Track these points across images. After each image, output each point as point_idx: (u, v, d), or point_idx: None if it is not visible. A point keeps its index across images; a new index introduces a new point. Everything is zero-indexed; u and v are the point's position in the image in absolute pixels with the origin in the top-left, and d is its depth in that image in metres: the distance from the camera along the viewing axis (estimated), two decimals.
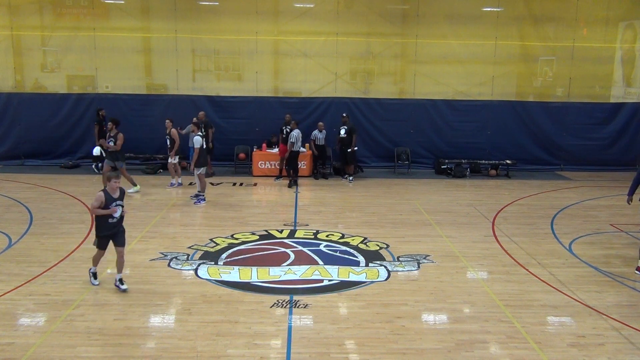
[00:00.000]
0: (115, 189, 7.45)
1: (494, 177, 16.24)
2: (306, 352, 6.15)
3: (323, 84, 16.80)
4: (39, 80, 16.98)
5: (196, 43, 16.69)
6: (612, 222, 11.55)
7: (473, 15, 16.58)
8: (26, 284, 7.79)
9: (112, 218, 7.42)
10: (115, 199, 7.42)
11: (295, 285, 7.95)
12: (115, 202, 7.41)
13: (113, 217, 7.42)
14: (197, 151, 12.40)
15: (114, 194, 7.44)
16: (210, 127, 15.09)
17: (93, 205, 7.37)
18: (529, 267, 8.85)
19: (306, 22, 16.56)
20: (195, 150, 12.46)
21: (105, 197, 7.37)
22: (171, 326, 6.76)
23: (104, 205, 7.34)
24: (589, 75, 17.07)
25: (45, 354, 6.00)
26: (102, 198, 7.34)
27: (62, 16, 16.38)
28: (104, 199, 7.34)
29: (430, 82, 16.76)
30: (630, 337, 6.63)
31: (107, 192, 7.41)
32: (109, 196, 7.40)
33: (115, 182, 7.41)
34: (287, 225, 10.91)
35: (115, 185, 7.42)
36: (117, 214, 7.44)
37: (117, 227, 7.59)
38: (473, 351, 6.24)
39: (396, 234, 10.44)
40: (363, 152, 16.58)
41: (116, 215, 7.43)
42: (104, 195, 7.37)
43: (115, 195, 7.44)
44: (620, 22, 17.12)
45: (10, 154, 16.45)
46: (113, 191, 7.43)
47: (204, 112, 15.30)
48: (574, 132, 16.95)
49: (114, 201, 7.39)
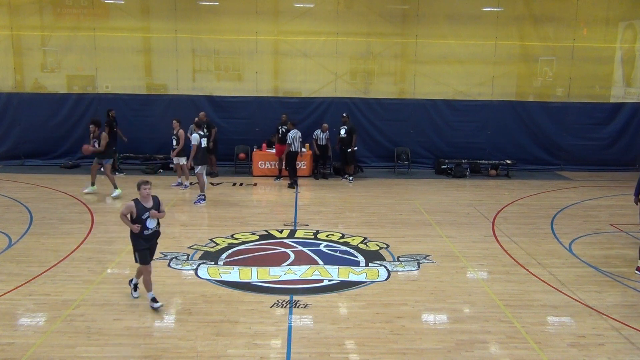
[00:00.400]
0: (147, 197, 6.85)
1: (494, 177, 16.24)
2: (306, 352, 6.15)
3: (323, 84, 16.80)
4: (39, 80, 16.97)
5: (196, 43, 16.69)
6: (612, 222, 11.55)
7: (473, 15, 16.58)
8: (26, 284, 7.79)
9: (146, 229, 6.85)
10: (147, 209, 6.82)
11: (295, 285, 7.95)
12: (148, 211, 6.82)
13: (148, 229, 6.86)
14: (195, 148, 12.42)
15: (147, 203, 6.85)
16: (213, 127, 15.14)
17: (121, 213, 6.85)
18: (529, 267, 8.85)
19: (306, 22, 16.56)
20: (193, 147, 12.48)
21: (137, 206, 6.78)
22: (171, 326, 6.76)
23: (136, 215, 6.74)
24: (589, 75, 17.07)
25: (45, 354, 6.00)
26: (132, 208, 6.76)
27: (62, 16, 16.38)
28: (134, 209, 6.75)
29: (430, 82, 16.75)
30: (630, 337, 6.63)
31: (138, 201, 6.82)
32: (141, 205, 6.81)
33: (145, 189, 6.81)
34: (287, 225, 10.91)
35: (145, 192, 6.81)
36: (152, 224, 6.88)
37: (155, 240, 7.04)
38: (473, 351, 6.24)
39: (396, 234, 10.44)
40: (363, 152, 16.58)
41: (150, 226, 6.85)
42: (134, 204, 6.77)
43: (147, 204, 6.85)
44: (620, 22, 17.12)
45: (10, 154, 16.45)
46: (145, 200, 6.85)
47: (205, 113, 15.30)
48: (574, 132, 16.95)
49: (146, 211, 6.79)
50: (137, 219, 6.80)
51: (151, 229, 6.88)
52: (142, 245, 6.91)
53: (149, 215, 6.84)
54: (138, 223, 6.81)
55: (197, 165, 12.47)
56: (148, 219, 6.86)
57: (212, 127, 15.12)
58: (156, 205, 6.94)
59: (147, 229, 6.86)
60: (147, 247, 6.93)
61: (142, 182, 6.87)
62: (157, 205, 6.95)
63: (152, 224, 6.88)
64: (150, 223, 6.84)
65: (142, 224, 6.82)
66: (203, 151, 12.63)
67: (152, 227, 6.87)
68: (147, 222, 6.83)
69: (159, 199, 7.06)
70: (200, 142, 12.54)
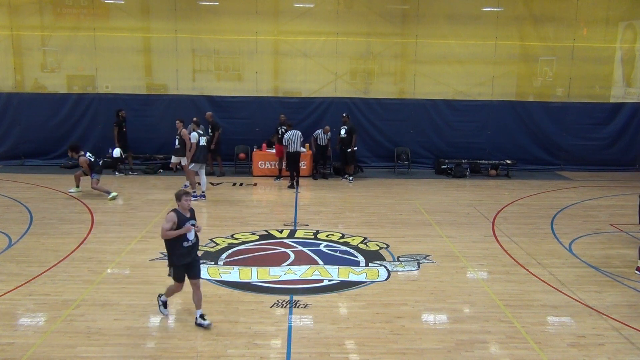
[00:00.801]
0: (187, 208, 6.58)
1: (494, 177, 16.24)
2: (306, 352, 6.15)
3: (323, 84, 16.80)
4: (39, 80, 16.97)
5: (196, 43, 16.69)
6: (612, 222, 11.55)
7: (473, 15, 16.58)
8: (26, 284, 7.79)
9: (186, 241, 6.51)
10: (188, 218, 6.56)
11: (295, 285, 7.95)
12: (189, 221, 6.55)
13: (188, 240, 6.52)
14: (193, 146, 12.47)
15: (187, 213, 6.59)
16: (217, 129, 15.22)
17: (164, 227, 6.40)
18: (529, 267, 8.85)
19: (306, 22, 16.56)
20: (192, 146, 12.52)
21: (178, 216, 6.50)
22: (171, 326, 6.76)
23: (176, 227, 6.44)
24: (589, 75, 17.07)
25: (45, 354, 6.00)
26: (174, 218, 6.45)
27: (62, 16, 16.38)
28: (176, 219, 6.45)
29: (430, 82, 16.76)
30: (630, 337, 6.63)
31: (178, 211, 6.56)
32: (182, 215, 6.54)
33: (187, 200, 6.55)
34: (287, 225, 10.91)
35: (187, 204, 6.56)
36: (192, 236, 6.57)
37: (194, 253, 6.67)
38: (473, 351, 6.24)
39: (396, 234, 10.44)
40: (363, 152, 16.58)
41: (191, 238, 6.54)
42: (175, 215, 6.49)
43: (187, 213, 6.60)
44: (620, 22, 17.12)
45: (10, 154, 16.45)
46: (185, 210, 6.59)
47: (211, 113, 15.38)
48: (574, 132, 16.95)
49: (186, 221, 6.52)
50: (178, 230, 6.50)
51: (191, 241, 6.57)
52: (180, 259, 6.55)
53: (194, 228, 6.58)
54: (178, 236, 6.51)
55: (195, 163, 12.52)
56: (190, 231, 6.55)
57: (217, 129, 15.21)
58: (193, 216, 6.70)
59: (188, 241, 6.54)
60: (185, 262, 6.56)
61: (184, 192, 6.60)
62: (193, 216, 6.70)
63: (192, 235, 6.57)
64: (190, 234, 6.53)
65: (183, 235, 6.52)
66: (202, 149, 12.66)
67: (191, 238, 6.56)
68: (188, 233, 6.52)
69: (193, 210, 6.78)
70: (199, 140, 12.56)
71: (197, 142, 12.51)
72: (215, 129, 15.18)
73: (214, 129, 15.19)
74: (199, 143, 12.54)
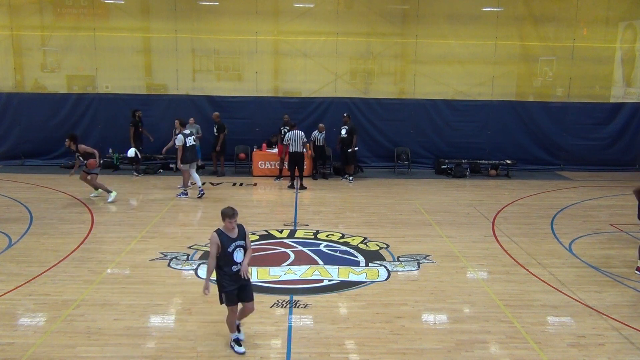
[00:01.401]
0: (232, 228, 5.92)
1: (494, 177, 16.24)
2: (306, 352, 6.15)
3: (323, 84, 16.81)
4: (39, 80, 16.98)
5: (196, 43, 16.70)
6: (612, 222, 11.55)
7: (473, 15, 16.59)
8: (26, 284, 7.79)
9: (235, 265, 5.90)
10: (233, 239, 5.91)
11: (295, 285, 7.95)
12: (235, 242, 5.90)
13: (236, 264, 5.90)
14: (181, 149, 12.59)
15: (231, 233, 5.93)
16: (223, 130, 15.31)
17: (210, 253, 5.92)
18: (529, 267, 8.85)
19: (306, 22, 16.56)
20: (179, 148, 12.64)
21: (220, 238, 5.87)
22: (171, 326, 6.76)
23: (221, 249, 5.85)
24: (589, 75, 17.07)
25: (45, 354, 6.00)
26: (216, 240, 5.84)
27: (62, 16, 16.39)
28: (219, 241, 5.85)
29: (430, 82, 16.76)
30: (630, 337, 6.63)
31: (222, 231, 5.91)
32: (225, 236, 5.90)
33: (231, 222, 5.87)
34: (287, 225, 10.91)
35: (231, 225, 5.88)
36: (240, 257, 5.93)
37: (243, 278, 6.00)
38: (473, 351, 6.24)
39: (396, 234, 10.44)
40: (363, 152, 16.58)
41: (239, 260, 5.91)
42: (217, 236, 5.87)
43: (233, 234, 5.93)
44: (620, 22, 17.12)
45: (10, 154, 16.45)
46: (230, 230, 5.92)
47: (218, 114, 15.47)
48: (574, 132, 16.96)
49: (231, 242, 5.88)
50: (223, 254, 5.87)
51: (240, 264, 5.94)
52: (231, 284, 5.96)
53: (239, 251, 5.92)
54: (224, 258, 5.89)
55: (184, 163, 12.68)
56: (236, 253, 5.92)
57: (223, 130, 15.33)
58: (242, 236, 5.99)
59: (236, 264, 5.91)
60: (236, 287, 5.99)
61: (229, 212, 5.87)
62: (242, 236, 6.00)
63: (241, 256, 5.94)
64: (238, 256, 5.91)
65: (229, 258, 5.89)
66: (190, 149, 12.77)
67: (240, 260, 5.94)
68: (235, 255, 5.89)
69: (245, 229, 6.08)
70: (186, 141, 12.67)
71: (184, 144, 12.59)
72: (220, 130, 15.27)
73: (220, 129, 15.28)
74: (185, 145, 12.62)
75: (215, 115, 15.38)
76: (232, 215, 5.86)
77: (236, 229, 5.94)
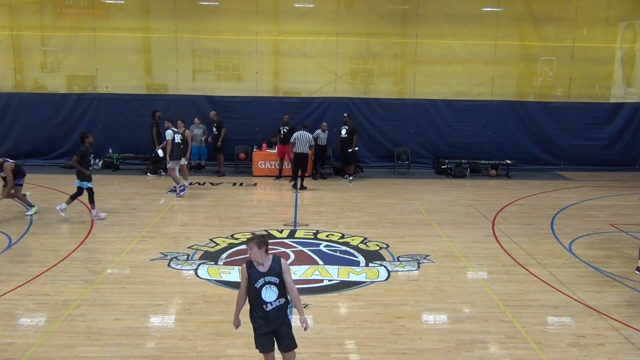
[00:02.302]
0: (262, 258, 4.87)
1: (494, 177, 16.24)
2: (306, 352, 6.15)
3: (323, 84, 16.80)
4: (39, 80, 16.98)
5: (196, 43, 16.70)
6: (612, 222, 11.55)
7: (473, 15, 16.58)
8: (26, 284, 7.79)
9: (265, 304, 4.89)
10: (263, 274, 4.87)
11: (295, 285, 7.92)
12: (264, 278, 4.88)
13: (265, 303, 4.88)
14: (169, 144, 12.74)
15: (261, 267, 4.89)
16: (223, 127, 15.41)
17: (240, 286, 5.03)
18: (529, 267, 8.85)
19: (306, 22, 16.56)
20: (167, 143, 12.78)
21: (248, 272, 4.92)
22: (171, 326, 6.76)
23: (249, 284, 4.89)
24: (589, 75, 17.07)
25: (45, 354, 6.00)
26: (244, 273, 4.93)
27: (62, 16, 16.39)
28: (247, 275, 4.91)
29: (430, 82, 16.76)
30: (630, 337, 6.63)
31: (250, 263, 4.93)
32: (253, 269, 4.90)
33: (251, 249, 4.86)
34: (287, 225, 10.91)
35: (256, 253, 4.84)
36: (271, 298, 4.89)
37: (277, 319, 4.97)
38: (473, 351, 6.24)
39: (396, 234, 10.44)
40: (363, 152, 16.58)
41: (268, 300, 4.88)
42: (245, 269, 4.93)
43: (263, 267, 4.89)
44: (620, 22, 17.12)
45: (10, 154, 16.31)
46: (258, 262, 4.89)
47: (215, 112, 15.52)
48: (574, 132, 16.96)
49: (261, 277, 4.87)
50: (251, 290, 4.92)
51: (272, 305, 4.90)
52: (260, 327, 4.97)
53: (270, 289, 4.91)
54: (252, 294, 4.92)
55: (171, 160, 12.81)
56: (265, 291, 4.91)
57: (222, 127, 15.40)
58: (276, 271, 4.92)
59: (266, 304, 4.89)
60: (268, 330, 4.99)
61: (252, 241, 4.88)
62: (277, 271, 4.93)
63: (272, 296, 4.90)
64: (268, 295, 4.89)
65: (257, 295, 4.90)
66: (177, 147, 12.88)
67: (271, 300, 4.89)
68: (263, 293, 4.89)
69: (282, 262, 5.01)
70: (174, 137, 12.81)
71: (172, 139, 12.76)
72: (220, 127, 15.38)
73: (220, 127, 15.38)
74: (174, 140, 12.77)
75: (212, 114, 15.41)
76: (259, 244, 4.85)
77: (269, 261, 4.93)
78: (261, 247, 4.86)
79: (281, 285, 4.93)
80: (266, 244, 4.91)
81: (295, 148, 14.07)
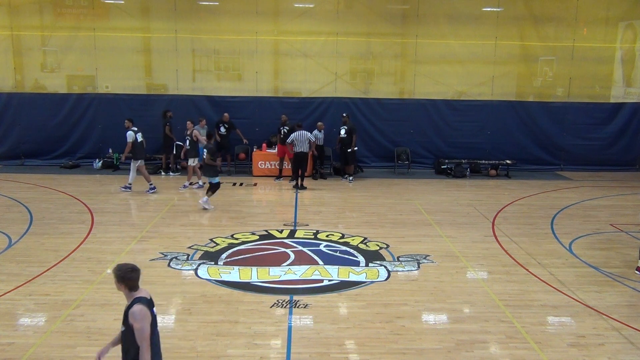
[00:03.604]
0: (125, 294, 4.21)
1: (494, 177, 16.24)
2: (306, 352, 6.15)
3: (323, 84, 16.80)
4: (39, 80, 16.97)
5: (196, 43, 16.69)
6: (612, 222, 11.55)
7: (473, 15, 16.58)
8: (26, 284, 7.79)
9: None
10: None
11: (295, 285, 7.95)
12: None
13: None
14: (129, 145, 12.92)
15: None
16: (234, 128, 15.66)
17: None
18: (529, 267, 8.85)
19: (306, 22, 16.56)
20: (128, 144, 12.94)
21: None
22: (171, 326, 6.76)
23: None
24: (589, 75, 17.07)
25: (45, 354, 6.00)
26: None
27: (62, 16, 16.38)
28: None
29: (430, 82, 16.76)
30: (630, 337, 6.63)
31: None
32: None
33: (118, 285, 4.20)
34: (287, 225, 10.90)
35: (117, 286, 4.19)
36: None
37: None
38: (473, 351, 6.24)
39: (396, 234, 10.44)
40: (363, 152, 16.58)
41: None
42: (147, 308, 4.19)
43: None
44: (620, 22, 17.12)
45: (10, 154, 16.45)
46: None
47: (228, 115, 15.70)
48: (574, 132, 16.96)
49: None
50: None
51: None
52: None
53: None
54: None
55: (135, 160, 13.02)
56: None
57: (233, 128, 15.70)
58: (125, 316, 4.14)
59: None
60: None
61: (114, 269, 4.28)
62: (125, 317, 4.15)
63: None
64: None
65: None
66: (139, 146, 13.09)
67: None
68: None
69: (131, 306, 4.20)
70: (136, 137, 12.97)
71: (135, 139, 12.93)
72: (232, 128, 15.66)
73: (231, 127, 15.65)
74: (136, 140, 12.96)
75: (225, 117, 15.63)
76: (116, 277, 4.14)
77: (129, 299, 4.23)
78: (119, 282, 4.14)
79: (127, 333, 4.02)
80: (125, 278, 4.03)
81: (295, 148, 14.08)
